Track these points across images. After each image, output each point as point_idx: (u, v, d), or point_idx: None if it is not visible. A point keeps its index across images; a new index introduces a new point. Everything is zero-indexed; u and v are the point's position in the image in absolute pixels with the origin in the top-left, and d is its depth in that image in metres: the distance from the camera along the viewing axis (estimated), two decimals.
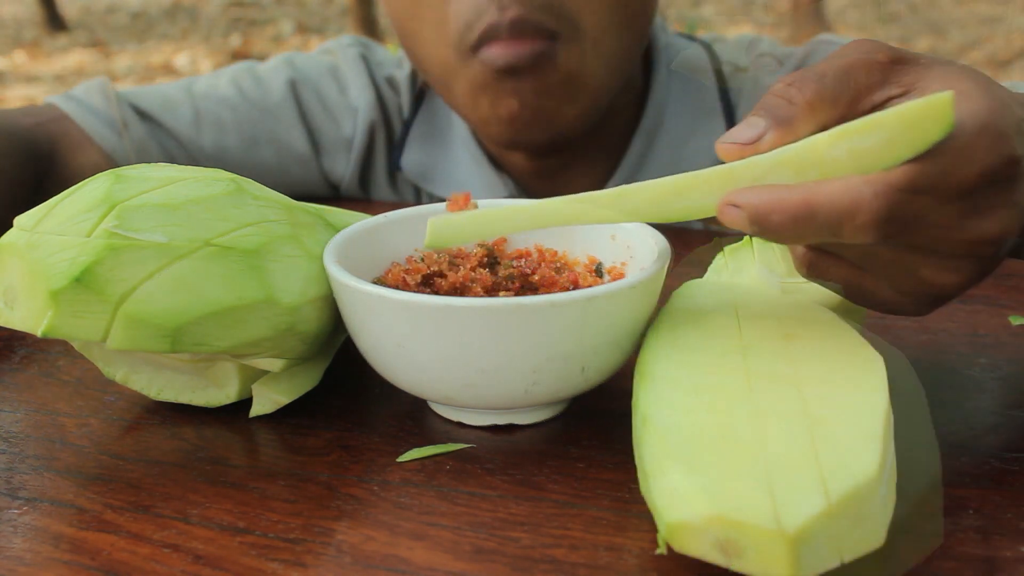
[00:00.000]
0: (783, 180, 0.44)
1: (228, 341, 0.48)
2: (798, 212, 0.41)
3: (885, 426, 0.41)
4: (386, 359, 0.49)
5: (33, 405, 0.56)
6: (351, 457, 0.49)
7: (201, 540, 0.43)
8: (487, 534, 0.43)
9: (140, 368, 0.54)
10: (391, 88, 0.96)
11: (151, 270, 0.46)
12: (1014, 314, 0.63)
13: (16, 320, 0.47)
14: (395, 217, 0.57)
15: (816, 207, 0.41)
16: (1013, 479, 0.46)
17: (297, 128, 0.94)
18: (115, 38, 7.23)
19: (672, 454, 0.40)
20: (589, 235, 0.57)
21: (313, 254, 0.52)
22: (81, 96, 0.90)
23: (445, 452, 0.49)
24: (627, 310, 0.48)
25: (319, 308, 0.51)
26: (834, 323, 0.48)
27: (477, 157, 0.90)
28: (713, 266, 0.57)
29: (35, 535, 0.44)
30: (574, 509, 0.44)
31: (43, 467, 0.49)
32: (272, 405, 0.53)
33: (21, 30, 7.83)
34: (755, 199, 0.42)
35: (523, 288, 0.55)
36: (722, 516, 0.37)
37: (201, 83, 0.95)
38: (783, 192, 0.42)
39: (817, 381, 0.43)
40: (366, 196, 0.98)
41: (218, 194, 0.50)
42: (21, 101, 5.17)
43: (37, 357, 0.61)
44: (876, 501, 0.38)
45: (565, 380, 0.48)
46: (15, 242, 0.47)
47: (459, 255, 0.57)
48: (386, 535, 0.43)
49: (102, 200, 0.47)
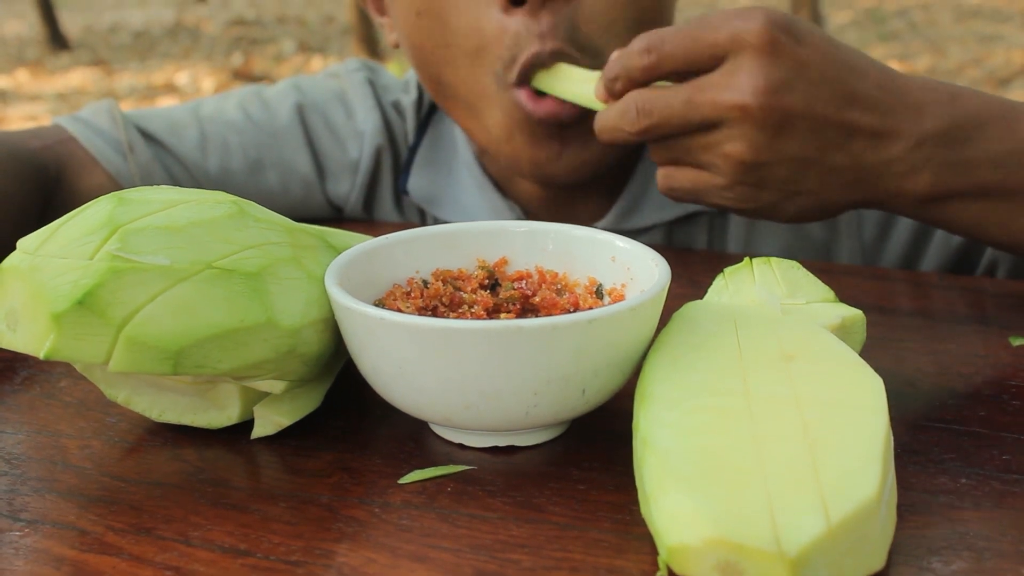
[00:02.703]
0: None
1: (230, 363, 0.48)
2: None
3: (885, 447, 0.41)
4: (387, 381, 0.49)
5: (35, 427, 0.56)
6: (352, 479, 0.49)
7: (202, 563, 0.43)
8: (488, 556, 0.43)
9: (142, 390, 0.54)
10: (397, 113, 0.96)
11: (153, 293, 0.46)
12: (1014, 334, 0.63)
13: (18, 342, 0.47)
14: (396, 239, 0.57)
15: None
16: (1014, 500, 0.46)
17: (303, 152, 0.94)
18: (117, 57, 7.26)
19: (673, 476, 0.40)
20: (589, 257, 0.57)
21: (315, 276, 0.52)
22: (88, 118, 0.90)
23: (446, 474, 0.49)
24: (628, 332, 0.48)
25: (320, 330, 0.51)
26: (834, 344, 0.49)
27: (482, 183, 0.90)
28: (713, 287, 0.57)
29: (37, 557, 0.44)
30: (575, 531, 0.44)
31: (45, 489, 0.49)
32: (273, 427, 0.53)
33: (24, 49, 7.87)
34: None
35: (524, 310, 0.55)
36: (723, 539, 0.37)
37: (208, 106, 0.95)
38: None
39: (817, 402, 0.44)
40: (369, 217, 0.98)
41: (220, 217, 0.50)
42: (23, 119, 5.19)
43: (39, 379, 0.62)
44: (876, 523, 0.39)
45: (566, 402, 0.48)
46: (18, 265, 0.47)
47: (460, 276, 0.57)
48: (387, 557, 0.43)
49: (104, 223, 0.47)
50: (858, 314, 0.54)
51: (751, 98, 0.60)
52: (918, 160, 0.62)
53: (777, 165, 0.62)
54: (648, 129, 0.64)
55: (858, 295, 0.72)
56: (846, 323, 0.53)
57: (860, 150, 0.62)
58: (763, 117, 0.60)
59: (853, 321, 0.54)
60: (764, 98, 0.60)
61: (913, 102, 0.62)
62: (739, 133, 0.61)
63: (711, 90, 0.61)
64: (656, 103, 0.63)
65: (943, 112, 0.62)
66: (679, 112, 0.62)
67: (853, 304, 0.58)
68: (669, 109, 0.62)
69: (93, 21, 9.28)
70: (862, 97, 0.62)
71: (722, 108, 0.61)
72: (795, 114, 0.60)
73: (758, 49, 0.60)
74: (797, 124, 0.61)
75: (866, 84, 0.62)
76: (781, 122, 0.60)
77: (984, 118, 0.63)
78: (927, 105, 0.62)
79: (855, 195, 0.64)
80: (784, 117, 0.60)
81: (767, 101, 0.60)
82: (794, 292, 0.54)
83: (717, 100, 0.61)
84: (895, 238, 0.85)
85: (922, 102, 0.62)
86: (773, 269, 0.56)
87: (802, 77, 0.60)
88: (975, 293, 0.72)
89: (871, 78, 0.62)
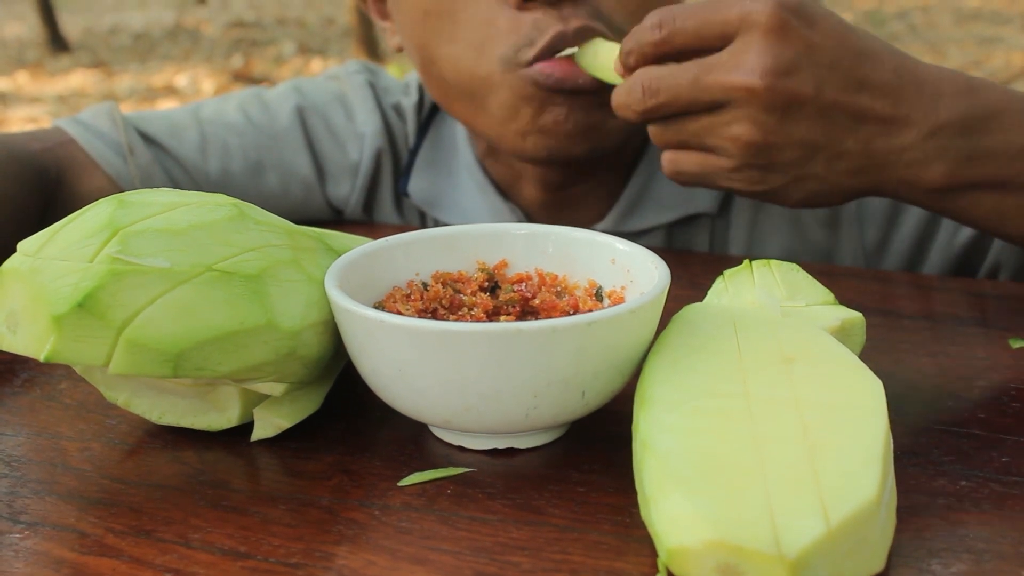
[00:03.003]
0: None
1: (230, 366, 0.49)
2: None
3: (885, 450, 0.41)
4: (386, 383, 0.49)
5: (35, 429, 0.56)
6: (352, 481, 0.49)
7: (202, 565, 0.43)
8: (488, 559, 0.43)
9: (142, 392, 0.54)
10: (397, 115, 0.96)
11: (153, 295, 0.46)
12: (1014, 337, 0.63)
13: (19, 345, 0.47)
14: (396, 241, 0.57)
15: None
16: (1014, 503, 0.46)
17: (303, 154, 0.94)
18: (117, 59, 7.26)
19: (672, 478, 0.40)
20: (589, 259, 0.57)
21: (314, 278, 0.52)
22: (88, 120, 0.90)
23: (446, 476, 0.49)
24: (627, 334, 0.48)
25: (320, 332, 0.51)
26: (834, 347, 0.49)
27: (483, 185, 0.90)
28: (713, 290, 0.57)
29: (37, 559, 0.44)
30: (574, 533, 0.44)
31: (45, 491, 0.49)
32: (273, 429, 0.53)
33: (24, 51, 7.87)
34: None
35: (523, 312, 0.55)
36: (722, 541, 0.37)
37: (208, 108, 0.95)
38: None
39: (817, 405, 0.44)
40: (369, 219, 0.98)
41: (220, 219, 0.50)
42: (23, 122, 5.19)
43: (39, 381, 0.62)
44: (876, 525, 0.39)
45: (565, 404, 0.48)
46: (18, 267, 0.47)
47: (460, 279, 0.57)
48: (387, 560, 0.43)
49: (105, 225, 0.48)
50: (858, 316, 0.54)
51: (758, 79, 0.59)
52: (932, 149, 0.62)
53: (784, 148, 0.62)
54: (654, 109, 0.64)
55: (858, 297, 0.72)
56: (846, 325, 0.53)
57: (870, 136, 0.62)
58: (770, 99, 0.60)
59: (853, 323, 0.54)
60: (771, 79, 0.59)
61: (929, 91, 0.62)
62: (745, 114, 0.61)
63: (718, 70, 0.61)
64: (663, 82, 0.63)
65: (960, 102, 0.62)
66: (686, 91, 0.62)
67: (853, 306, 0.58)
68: (676, 88, 0.62)
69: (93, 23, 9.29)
70: (875, 83, 0.61)
71: (729, 88, 0.60)
72: (803, 97, 0.60)
73: (767, 30, 0.60)
74: (805, 107, 0.61)
75: (880, 70, 0.62)
76: (788, 104, 0.60)
77: (1001, 109, 0.62)
78: (943, 94, 0.62)
79: (864, 181, 0.64)
80: (791, 99, 0.60)
81: (774, 83, 0.60)
82: (794, 294, 0.55)
83: (724, 80, 0.60)
84: (897, 241, 0.85)
85: (939, 91, 0.62)
86: (773, 271, 0.56)
87: (811, 60, 0.60)
88: (975, 296, 0.72)
89: (886, 64, 0.62)
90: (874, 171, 0.63)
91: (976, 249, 0.82)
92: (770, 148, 0.62)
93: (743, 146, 0.62)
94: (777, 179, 0.64)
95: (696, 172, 0.66)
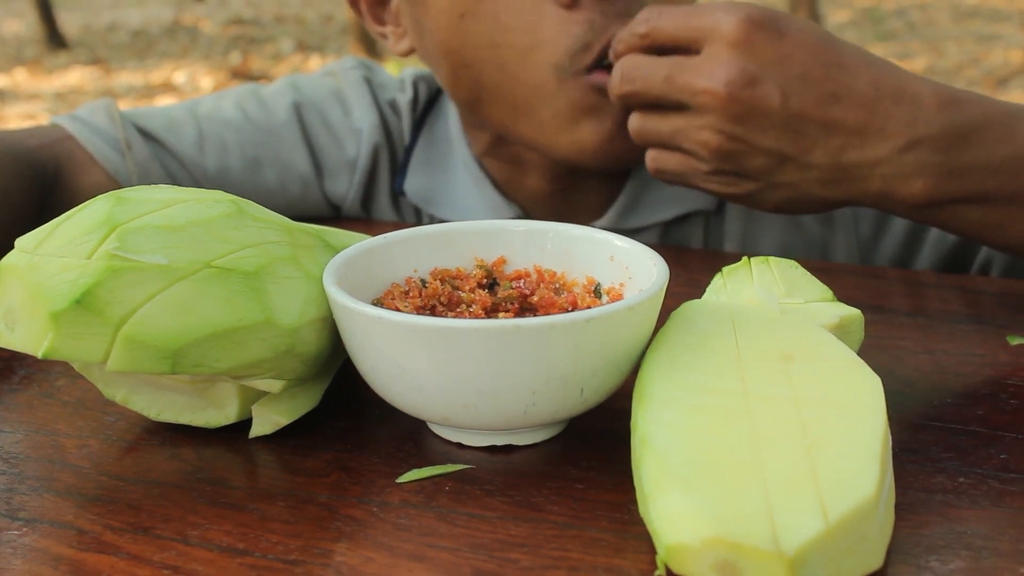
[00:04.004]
0: None
1: (228, 362, 0.48)
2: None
3: (883, 447, 0.41)
4: (385, 380, 0.49)
5: (33, 426, 0.56)
6: (350, 478, 0.49)
7: (201, 562, 0.43)
8: (486, 555, 0.43)
9: (140, 389, 0.54)
10: (393, 112, 0.96)
11: (151, 292, 0.46)
12: (1012, 334, 0.63)
13: (16, 341, 0.47)
14: (394, 238, 0.57)
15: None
16: (1012, 500, 0.46)
17: (300, 150, 0.94)
18: (115, 56, 7.26)
19: (671, 475, 0.40)
20: (587, 256, 0.57)
21: (313, 275, 0.52)
22: (86, 117, 0.90)
23: (444, 473, 0.49)
24: (626, 331, 0.48)
25: (318, 329, 0.51)
26: (832, 344, 0.49)
27: (480, 181, 0.90)
28: (711, 287, 0.57)
29: (35, 556, 0.44)
30: (573, 530, 0.44)
31: (43, 488, 0.49)
32: (272, 426, 0.53)
33: (22, 48, 7.86)
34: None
35: (522, 309, 0.55)
36: (721, 538, 0.37)
37: (205, 105, 0.95)
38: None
39: (815, 402, 0.44)
40: (368, 216, 0.98)
41: (218, 216, 0.50)
42: (21, 118, 5.19)
43: (37, 378, 0.61)
44: (874, 523, 0.39)
45: (564, 401, 0.48)
46: (16, 264, 0.47)
47: (458, 276, 0.57)
48: (386, 557, 0.43)
49: (103, 222, 0.47)
50: (856, 313, 0.54)
51: (721, 87, 0.62)
52: (910, 163, 0.62)
53: (751, 155, 0.64)
54: (629, 95, 0.67)
55: (856, 294, 0.72)
56: (844, 322, 0.53)
57: (840, 147, 0.63)
58: (730, 107, 0.62)
59: (851, 320, 0.54)
60: (733, 89, 0.62)
61: (908, 104, 0.62)
62: (707, 121, 0.64)
63: (688, 71, 0.64)
64: (639, 71, 0.66)
65: (940, 116, 0.62)
66: (657, 85, 0.65)
67: (851, 303, 0.58)
68: (648, 80, 0.66)
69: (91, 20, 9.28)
70: (849, 94, 0.62)
71: (694, 92, 0.63)
72: (767, 107, 0.62)
73: (731, 42, 0.62)
74: (771, 117, 0.62)
75: (856, 81, 0.62)
76: (749, 113, 0.62)
77: (983, 123, 0.62)
78: (924, 108, 0.62)
79: (838, 192, 0.65)
80: (752, 109, 0.62)
81: (736, 92, 0.62)
82: (792, 291, 0.55)
83: (691, 82, 0.64)
84: (891, 234, 0.85)
85: (919, 104, 0.62)
86: (771, 268, 0.56)
87: (779, 72, 0.62)
88: (973, 293, 0.72)
89: (862, 76, 0.63)
90: (846, 183, 0.64)
91: (969, 244, 0.83)
92: (736, 155, 0.64)
93: (711, 151, 0.65)
94: (750, 184, 0.66)
95: (676, 171, 0.68)
